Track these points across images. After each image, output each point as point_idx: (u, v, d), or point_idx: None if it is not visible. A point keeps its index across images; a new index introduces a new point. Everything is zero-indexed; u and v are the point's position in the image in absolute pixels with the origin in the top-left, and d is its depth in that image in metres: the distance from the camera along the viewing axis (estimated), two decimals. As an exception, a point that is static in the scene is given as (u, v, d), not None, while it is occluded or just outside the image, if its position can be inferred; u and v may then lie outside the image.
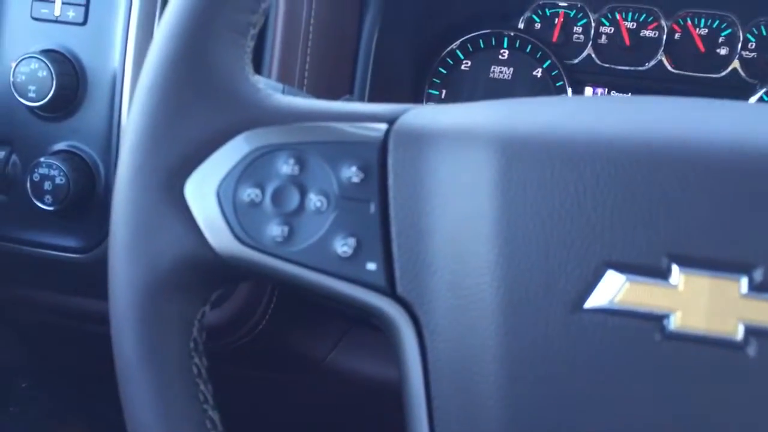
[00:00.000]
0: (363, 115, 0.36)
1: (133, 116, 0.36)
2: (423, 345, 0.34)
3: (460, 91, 0.81)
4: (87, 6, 0.61)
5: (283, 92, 0.42)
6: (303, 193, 0.36)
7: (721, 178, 0.30)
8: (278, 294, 0.68)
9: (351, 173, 0.35)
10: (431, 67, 0.81)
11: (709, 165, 0.30)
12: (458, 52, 0.80)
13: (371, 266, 0.35)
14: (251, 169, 0.36)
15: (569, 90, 0.78)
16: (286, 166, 0.36)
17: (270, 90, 0.38)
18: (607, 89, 0.78)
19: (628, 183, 0.30)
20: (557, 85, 0.79)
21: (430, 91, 0.81)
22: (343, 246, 0.35)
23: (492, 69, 0.80)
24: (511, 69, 0.80)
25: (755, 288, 0.29)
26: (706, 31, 0.76)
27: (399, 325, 0.34)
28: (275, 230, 0.35)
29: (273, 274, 0.36)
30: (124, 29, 0.61)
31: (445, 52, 0.80)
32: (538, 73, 0.79)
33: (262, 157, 0.36)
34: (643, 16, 0.77)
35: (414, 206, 0.34)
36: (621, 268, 0.30)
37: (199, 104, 0.36)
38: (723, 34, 0.75)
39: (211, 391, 0.38)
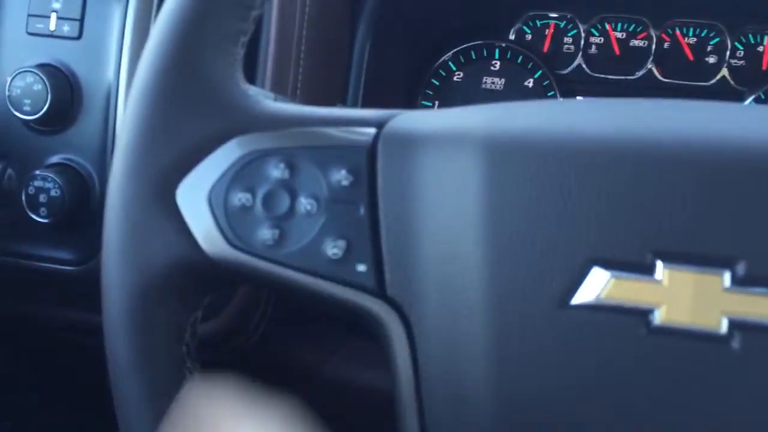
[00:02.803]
0: (352, 120, 0.37)
1: (125, 123, 0.37)
2: (413, 345, 0.34)
3: (453, 102, 0.82)
4: (82, 20, 0.62)
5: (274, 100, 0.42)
6: (293, 197, 0.36)
7: (703, 175, 0.30)
8: (273, 305, 0.68)
9: (340, 176, 0.36)
10: (424, 79, 0.81)
11: (690, 163, 0.30)
12: (450, 63, 0.81)
13: (361, 268, 0.35)
14: (242, 174, 0.36)
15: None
16: (277, 171, 0.36)
17: (260, 96, 0.38)
18: (597, 98, 0.79)
19: (612, 182, 0.31)
20: (549, 95, 0.80)
21: (423, 102, 0.82)
22: (334, 248, 0.35)
23: (484, 80, 0.81)
24: (503, 80, 0.81)
25: (738, 282, 0.29)
26: (695, 40, 0.77)
27: (389, 326, 0.35)
28: (266, 234, 0.36)
29: (264, 278, 0.36)
30: (118, 43, 0.62)
31: (437, 64, 0.81)
32: (529, 83, 0.80)
33: (252, 162, 0.36)
34: (633, 26, 0.78)
35: (402, 208, 0.35)
36: (606, 264, 0.31)
37: (189, 110, 0.36)
38: (711, 42, 0.76)
39: (204, 396, 0.38)
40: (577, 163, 0.32)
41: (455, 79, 0.81)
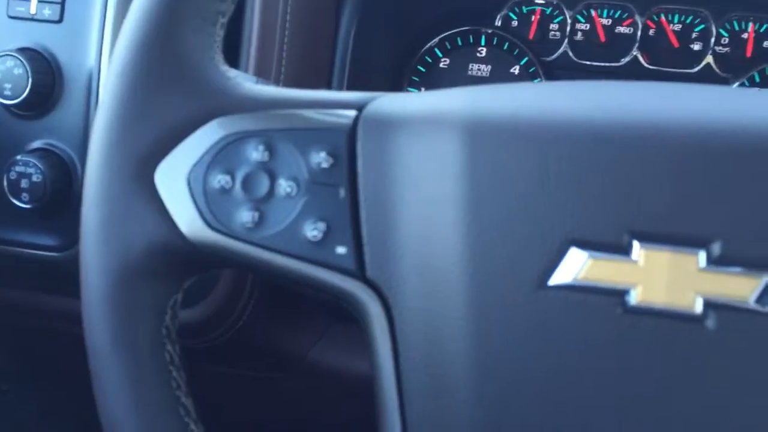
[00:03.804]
0: (332, 102, 0.37)
1: (102, 104, 0.37)
2: (392, 326, 0.34)
3: (439, 88, 0.82)
4: (63, 4, 0.62)
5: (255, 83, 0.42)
6: (273, 179, 0.36)
7: (679, 157, 0.30)
8: (258, 291, 0.68)
9: (320, 159, 0.35)
10: (410, 65, 0.81)
11: (667, 145, 0.30)
12: (437, 49, 0.81)
13: (341, 250, 0.35)
14: (221, 156, 0.36)
15: (546, 86, 0.79)
16: (256, 153, 0.36)
17: (240, 78, 0.38)
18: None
19: (590, 163, 0.31)
20: (535, 81, 0.80)
21: (410, 89, 0.82)
22: (313, 230, 0.35)
23: (470, 66, 0.81)
24: (489, 66, 0.81)
25: (713, 262, 0.29)
26: (680, 26, 0.77)
27: (369, 308, 0.35)
28: (246, 216, 0.36)
29: (244, 260, 0.36)
30: (99, 27, 0.61)
31: (423, 50, 0.81)
32: (515, 70, 0.80)
33: (232, 144, 0.36)
34: (618, 12, 0.78)
35: (382, 190, 0.34)
36: (584, 245, 0.31)
37: (168, 92, 0.36)
38: (696, 29, 0.76)
39: (185, 378, 0.38)
40: (555, 144, 0.32)
41: (441, 65, 0.81)
